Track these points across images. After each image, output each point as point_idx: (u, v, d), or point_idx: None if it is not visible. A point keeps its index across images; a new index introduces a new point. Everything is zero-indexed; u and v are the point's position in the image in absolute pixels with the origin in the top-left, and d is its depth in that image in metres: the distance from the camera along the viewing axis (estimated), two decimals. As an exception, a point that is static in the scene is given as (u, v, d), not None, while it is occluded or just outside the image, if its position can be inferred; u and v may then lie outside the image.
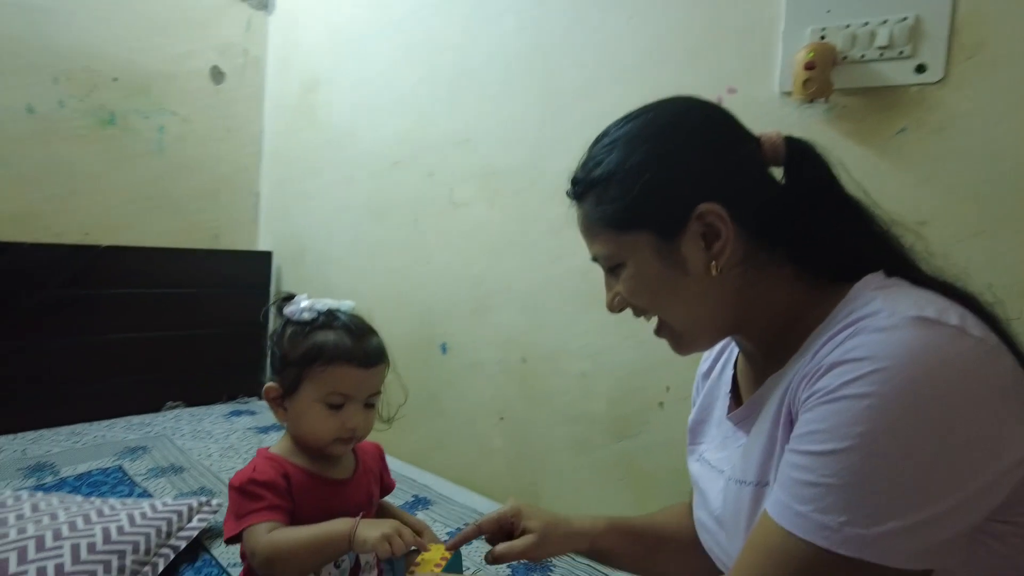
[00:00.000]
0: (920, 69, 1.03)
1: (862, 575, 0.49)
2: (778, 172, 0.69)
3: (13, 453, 1.69)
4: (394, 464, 1.74)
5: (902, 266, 0.65)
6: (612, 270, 0.71)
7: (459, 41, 1.77)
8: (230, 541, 0.88)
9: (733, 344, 0.84)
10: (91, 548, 1.11)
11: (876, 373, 0.51)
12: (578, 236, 0.73)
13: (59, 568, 1.05)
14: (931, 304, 0.55)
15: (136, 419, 2.03)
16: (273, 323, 0.99)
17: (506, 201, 1.65)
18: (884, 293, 0.59)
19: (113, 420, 2.00)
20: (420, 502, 1.56)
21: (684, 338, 0.71)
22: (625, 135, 0.69)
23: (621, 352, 1.44)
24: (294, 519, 0.90)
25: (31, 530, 1.13)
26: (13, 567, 1.03)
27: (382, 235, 2.00)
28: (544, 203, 1.56)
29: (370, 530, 0.80)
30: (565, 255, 1.52)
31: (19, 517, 1.19)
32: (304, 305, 0.94)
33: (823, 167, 0.68)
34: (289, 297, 0.98)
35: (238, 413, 2.16)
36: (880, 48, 1.05)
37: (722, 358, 0.87)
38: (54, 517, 1.20)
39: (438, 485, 1.69)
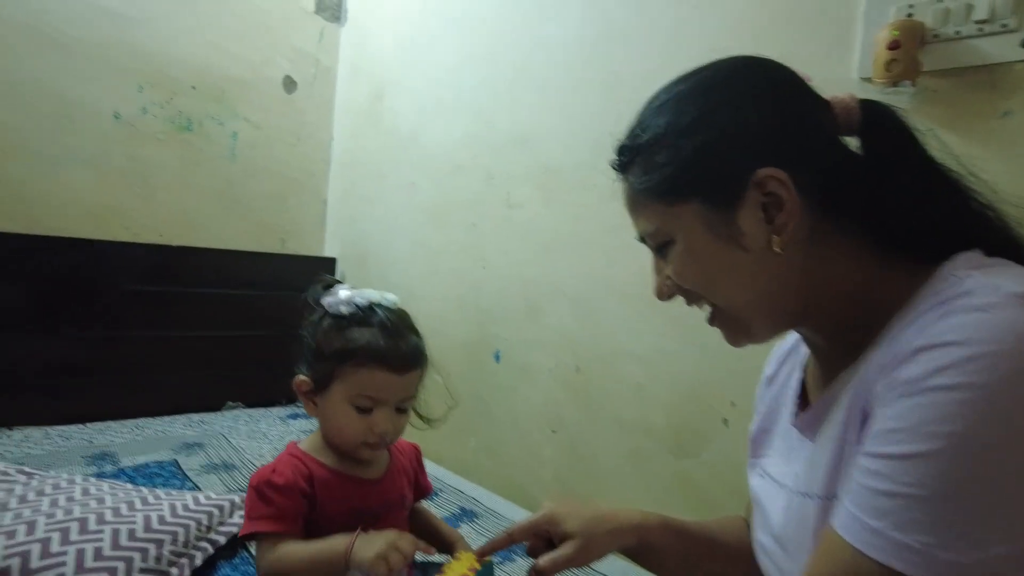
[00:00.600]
0: (1027, 43, 0.91)
1: None
2: (853, 143, 0.60)
3: (80, 441, 1.75)
4: (442, 473, 1.71)
5: (1007, 246, 0.54)
6: (660, 249, 0.64)
7: (519, 39, 1.74)
8: (245, 539, 0.86)
9: (802, 346, 0.74)
10: (131, 535, 1.11)
11: (973, 361, 0.41)
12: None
13: (98, 552, 1.05)
14: None
15: (196, 416, 2.08)
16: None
17: (562, 200, 1.59)
18: (983, 272, 0.49)
19: (175, 416, 2.06)
20: (466, 514, 1.50)
21: (740, 325, 0.63)
22: (675, 96, 0.62)
23: (683, 360, 1.34)
24: (318, 518, 0.87)
25: (77, 512, 1.14)
26: (55, 547, 1.04)
27: (441, 239, 1.98)
28: (602, 201, 1.49)
29: (365, 549, 0.76)
30: (623, 255, 1.44)
31: (69, 499, 1.21)
32: (343, 297, 0.91)
33: (905, 132, 0.59)
34: (330, 285, 0.95)
35: (295, 416, 2.17)
36: (978, 22, 0.93)
37: (788, 361, 0.78)
38: (101, 501, 1.21)
39: (485, 498, 1.62)
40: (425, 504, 1.09)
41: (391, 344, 0.87)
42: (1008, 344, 0.41)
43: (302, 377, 0.93)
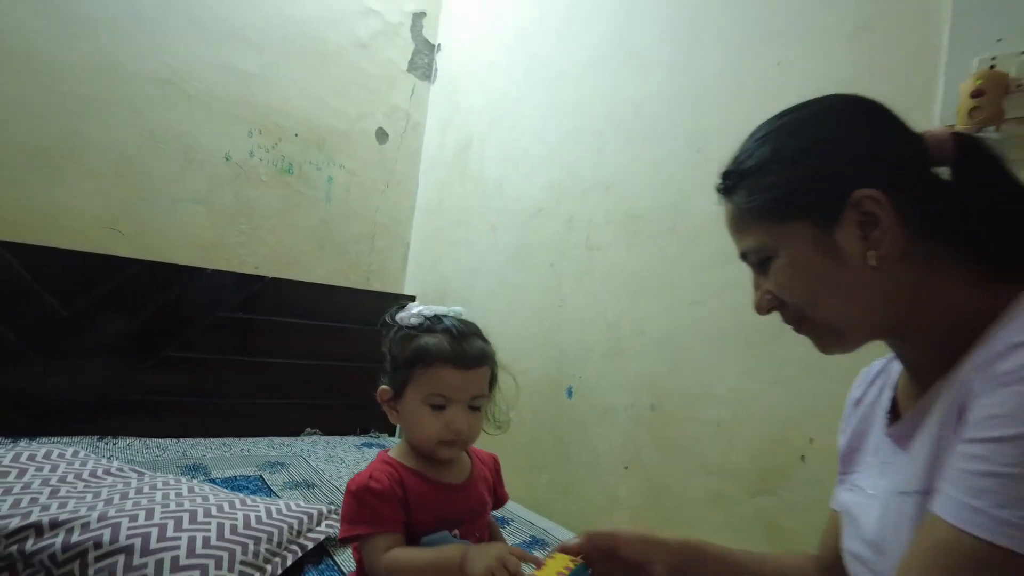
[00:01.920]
0: (1114, 91, 0.94)
1: None
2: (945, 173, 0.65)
3: (175, 453, 1.87)
4: (513, 507, 1.74)
5: None
6: (762, 265, 0.68)
7: (607, 93, 1.85)
8: (342, 541, 0.92)
9: (891, 366, 0.78)
10: (233, 529, 1.19)
11: None
12: (723, 275, 0.72)
13: (206, 540, 1.13)
14: None
15: (277, 440, 2.18)
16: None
17: (646, 244, 1.66)
18: None
19: (258, 438, 2.16)
20: (536, 543, 1.52)
21: (833, 333, 0.67)
22: (778, 128, 0.69)
23: (762, 400, 1.35)
24: (409, 522, 0.92)
25: (187, 505, 1.23)
26: (170, 532, 1.12)
27: (521, 280, 2.07)
28: (686, 245, 1.55)
29: (477, 561, 0.81)
30: (706, 297, 1.49)
31: (178, 495, 1.30)
32: (414, 311, 1.00)
33: (994, 161, 0.63)
34: (403, 306, 1.05)
35: (369, 445, 2.25)
36: (1065, 71, 0.98)
37: (877, 382, 0.80)
38: (205, 499, 1.30)
39: (555, 530, 1.64)
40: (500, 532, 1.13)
41: (456, 345, 0.95)
42: None
43: (383, 387, 1.01)
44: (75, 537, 1.08)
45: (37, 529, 1.10)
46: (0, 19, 1.83)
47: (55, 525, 1.11)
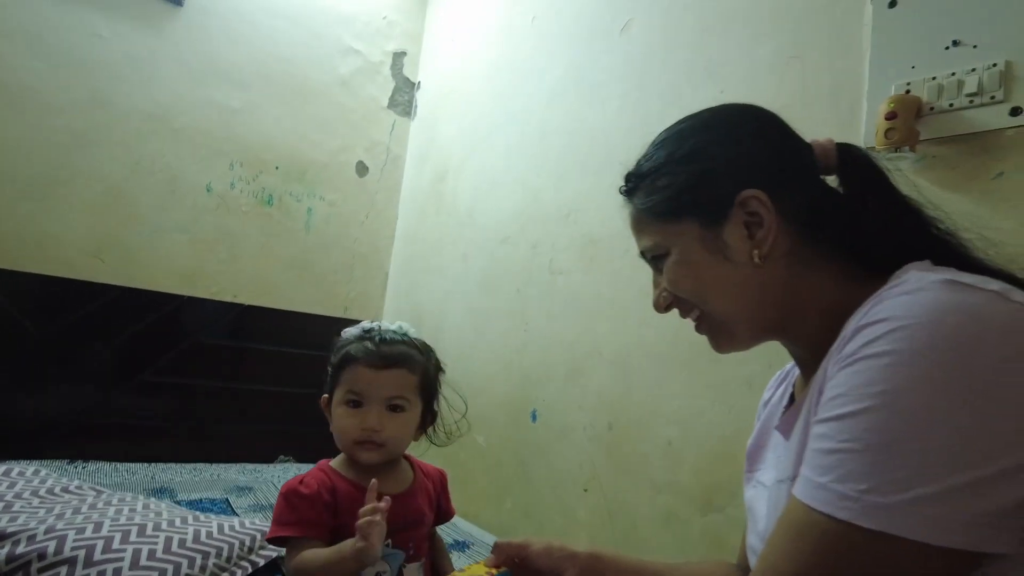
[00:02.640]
0: (1015, 112, 0.98)
1: (894, 552, 0.43)
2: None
3: (143, 476, 1.89)
4: (477, 532, 1.75)
5: (963, 263, 0.60)
6: (658, 262, 0.72)
7: (567, 126, 1.92)
8: (270, 542, 0.96)
9: (795, 368, 0.81)
10: (181, 543, 1.21)
11: (896, 331, 0.47)
12: None
13: (152, 553, 1.15)
14: (973, 276, 0.51)
15: (250, 466, 2.20)
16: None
17: (603, 267, 1.70)
18: (921, 269, 0.57)
19: (230, 464, 2.18)
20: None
21: (724, 330, 0.70)
22: (675, 133, 0.73)
23: (710, 417, 1.38)
24: (339, 530, 0.95)
25: (137, 519, 1.26)
26: (116, 544, 1.15)
27: (489, 305, 2.11)
28: (636, 268, 1.58)
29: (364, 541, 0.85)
30: (657, 319, 1.50)
31: (131, 510, 1.33)
32: (357, 326, 1.06)
33: (874, 169, 0.68)
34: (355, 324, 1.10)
35: (342, 472, 2.25)
36: (969, 95, 1.03)
37: (783, 385, 0.84)
38: (159, 514, 1.32)
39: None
40: (460, 556, 1.15)
41: (373, 347, 1.00)
42: (925, 317, 0.47)
43: (324, 395, 1.06)
44: (20, 548, 1.10)
45: (-16, 541, 1.13)
46: (-4, 59, 1.93)
47: (2, 537, 1.13)
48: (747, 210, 0.65)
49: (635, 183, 0.74)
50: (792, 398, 0.77)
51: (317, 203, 2.53)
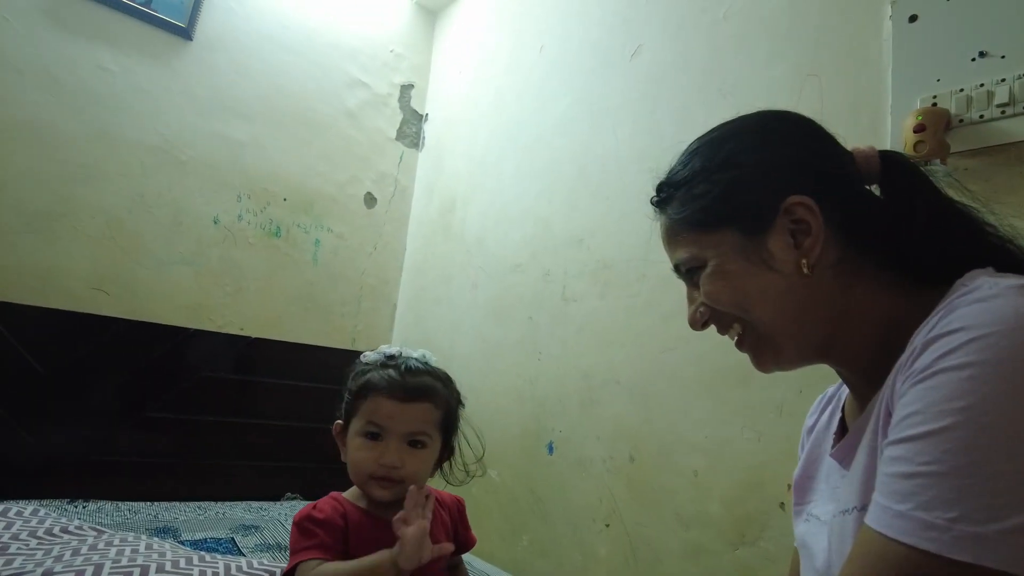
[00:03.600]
0: (1050, 121, 0.96)
1: None
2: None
3: (146, 516, 1.83)
4: (494, 572, 1.67)
5: (1017, 265, 0.57)
6: (693, 275, 0.67)
7: (578, 153, 1.90)
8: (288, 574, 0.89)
9: (841, 391, 0.76)
10: (186, 586, 1.15)
11: (976, 340, 0.43)
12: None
13: (155, 596, 1.09)
14: None
15: (255, 504, 2.12)
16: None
17: (618, 292, 1.66)
18: (990, 275, 0.53)
19: (235, 502, 2.11)
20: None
21: (769, 345, 0.65)
22: (709, 140, 0.69)
23: (738, 445, 1.32)
24: (347, 556, 0.89)
25: (140, 560, 1.19)
26: (117, 588, 1.08)
27: (500, 335, 2.06)
28: (653, 293, 1.55)
29: (411, 546, 0.82)
30: (675, 344, 1.48)
31: (133, 551, 1.26)
32: (378, 350, 1.01)
33: (918, 175, 0.64)
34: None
35: (350, 510, 2.18)
36: (1000, 106, 1.00)
37: (828, 408, 0.79)
38: (162, 555, 1.26)
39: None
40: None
41: (398, 377, 0.95)
42: (1007, 324, 0.43)
43: (338, 421, 1.00)
44: (17, 592, 1.04)
45: (-21, 585, 1.07)
46: (5, 93, 1.93)
47: (-2, 581, 1.07)
48: (792, 217, 0.61)
49: (668, 193, 0.70)
50: (843, 422, 0.72)
51: (325, 235, 2.51)
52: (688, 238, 0.67)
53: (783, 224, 0.61)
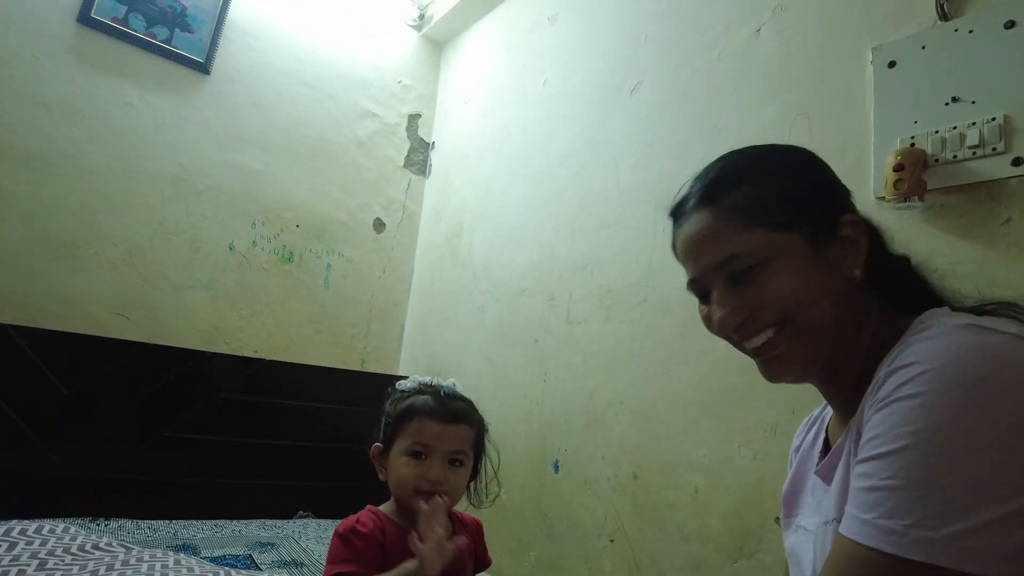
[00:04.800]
0: (1017, 162, 1.05)
1: None
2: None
3: (166, 533, 1.88)
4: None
5: (968, 308, 0.65)
6: (737, 276, 0.68)
7: (580, 183, 2.00)
8: None
9: (825, 412, 0.84)
10: (215, 598, 1.21)
11: (925, 373, 0.51)
12: (689, 345, 0.75)
13: (186, 607, 1.16)
14: (990, 320, 0.56)
15: (270, 522, 2.18)
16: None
17: (621, 315, 1.74)
18: (943, 316, 0.61)
19: (250, 520, 2.16)
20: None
21: (802, 348, 0.67)
22: (755, 153, 0.74)
23: (736, 463, 1.39)
24: (383, 570, 0.96)
25: (171, 575, 1.26)
26: (151, 600, 1.15)
27: (507, 357, 2.14)
28: (654, 317, 1.63)
29: (430, 551, 0.89)
30: (676, 366, 1.55)
31: (164, 566, 1.33)
32: (413, 379, 1.10)
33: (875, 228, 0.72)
34: (405, 379, 1.14)
35: (360, 528, 2.24)
36: (972, 147, 1.09)
37: (813, 429, 0.86)
38: (190, 570, 1.33)
39: (543, 607, 1.62)
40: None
41: (440, 402, 1.04)
42: (951, 358, 0.51)
43: (376, 444, 1.08)
44: (58, 605, 1.11)
45: (22, 598, 1.13)
46: (35, 128, 2.02)
47: (40, 593, 1.14)
48: (842, 233, 0.67)
49: (710, 191, 0.70)
50: (827, 442, 0.79)
51: (336, 259, 2.60)
52: (750, 234, 0.67)
53: (842, 234, 0.68)
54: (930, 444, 0.48)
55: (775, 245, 0.66)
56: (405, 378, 1.14)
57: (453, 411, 1.03)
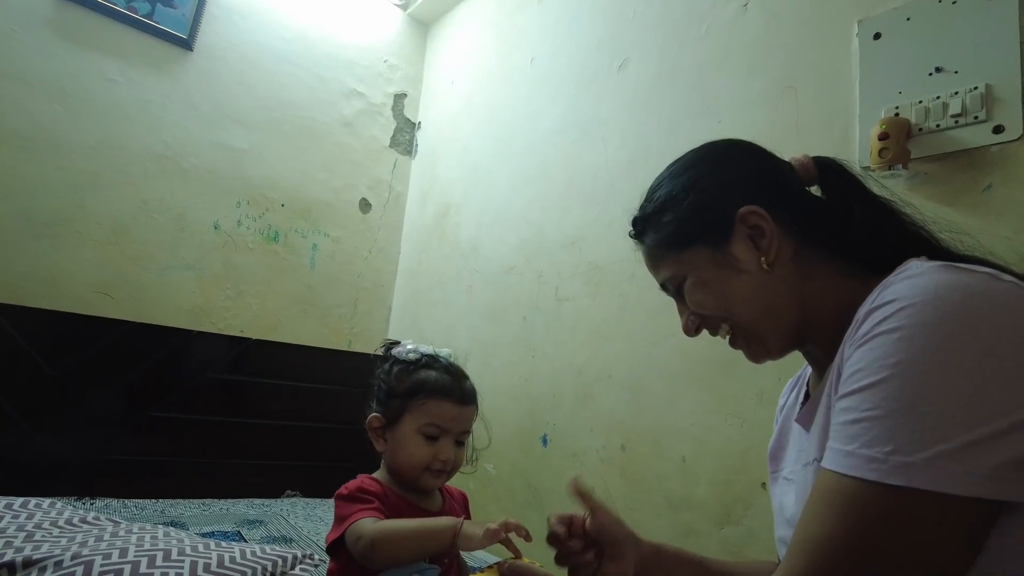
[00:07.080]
0: (998, 130, 1.07)
1: (922, 506, 0.47)
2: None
3: (153, 512, 1.88)
4: (489, 559, 1.74)
5: (931, 248, 0.67)
6: (679, 291, 0.77)
7: (569, 162, 2.00)
8: (330, 548, 0.95)
9: (806, 371, 0.86)
10: (207, 567, 1.21)
11: (905, 309, 0.53)
12: (675, 318, 0.80)
13: (179, 576, 1.15)
14: (966, 264, 0.57)
15: (257, 501, 2.19)
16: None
17: (609, 291, 1.76)
18: (921, 261, 0.62)
19: (238, 499, 2.16)
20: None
21: (755, 339, 0.74)
22: (670, 173, 0.81)
23: (723, 432, 1.41)
24: None
25: (161, 545, 1.26)
26: (143, 568, 1.15)
27: (495, 335, 2.14)
28: (642, 292, 1.65)
29: (475, 527, 0.84)
30: (663, 339, 1.57)
31: (153, 537, 1.32)
32: (410, 347, 1.09)
33: (848, 174, 0.75)
34: (395, 343, 1.13)
35: (349, 506, 2.24)
36: (954, 116, 1.11)
37: (796, 387, 0.88)
38: (180, 541, 1.32)
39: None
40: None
41: (455, 381, 1.04)
42: (930, 295, 0.52)
43: (375, 415, 1.07)
44: (48, 575, 1.10)
45: (10, 568, 1.12)
46: (15, 104, 1.98)
47: (28, 564, 1.13)
48: (748, 225, 0.71)
49: (642, 225, 0.80)
50: (807, 395, 0.81)
51: (322, 240, 2.59)
52: (667, 260, 0.77)
53: (741, 232, 0.71)
54: (909, 374, 0.50)
55: (686, 264, 0.74)
56: (396, 342, 1.13)
57: (468, 392, 1.04)
